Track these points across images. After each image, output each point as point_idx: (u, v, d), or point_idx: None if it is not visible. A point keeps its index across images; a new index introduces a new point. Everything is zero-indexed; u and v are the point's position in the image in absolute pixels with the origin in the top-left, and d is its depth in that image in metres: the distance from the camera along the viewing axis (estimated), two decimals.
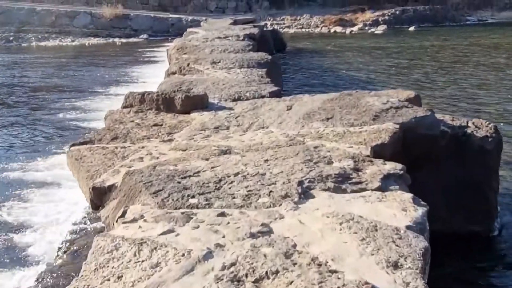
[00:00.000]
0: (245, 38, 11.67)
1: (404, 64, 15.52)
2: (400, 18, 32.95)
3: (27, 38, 29.34)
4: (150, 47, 24.03)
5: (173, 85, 6.03)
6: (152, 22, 30.47)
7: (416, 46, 20.71)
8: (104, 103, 11.70)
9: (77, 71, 17.28)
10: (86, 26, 30.57)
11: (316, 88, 11.21)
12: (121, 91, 13.20)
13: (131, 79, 15.36)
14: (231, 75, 6.69)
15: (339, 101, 4.59)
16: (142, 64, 18.74)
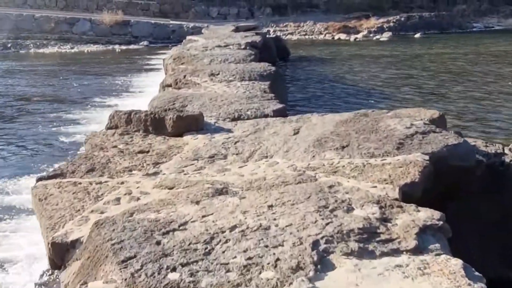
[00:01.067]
0: (247, 46, 11.06)
1: (413, 74, 14.89)
2: (405, 24, 32.36)
3: (25, 45, 28.84)
4: (150, 54, 23.48)
5: (166, 101, 5.41)
6: (153, 29, 29.95)
7: (424, 54, 20.09)
8: (99, 115, 11.11)
9: (73, 80, 16.71)
10: (86, 33, 30.08)
11: (322, 101, 10.58)
12: (117, 101, 12.60)
13: (128, 89, 14.77)
14: (230, 89, 6.07)
15: (354, 123, 3.96)
16: (141, 72, 18.16)
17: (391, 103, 10.37)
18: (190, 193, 2.82)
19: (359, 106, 9.89)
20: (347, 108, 9.68)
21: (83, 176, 3.27)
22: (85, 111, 11.61)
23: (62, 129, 10.02)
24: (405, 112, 4.35)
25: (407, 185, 2.76)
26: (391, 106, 10.08)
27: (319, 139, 3.61)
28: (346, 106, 9.90)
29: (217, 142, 3.90)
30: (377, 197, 2.63)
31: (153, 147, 3.92)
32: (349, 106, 9.79)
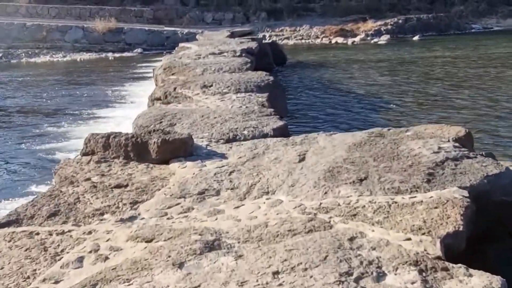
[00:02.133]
0: (243, 53, 10.47)
1: (415, 78, 14.31)
2: (403, 27, 31.87)
3: (17, 54, 28.27)
4: (144, 62, 22.91)
5: (152, 119, 4.80)
6: (147, 36, 29.42)
7: (425, 57, 19.53)
8: (88, 128, 10.50)
9: (64, 90, 16.10)
10: (78, 41, 29.53)
11: (323, 110, 9.96)
12: (108, 113, 12.00)
13: (120, 99, 14.17)
14: (225, 102, 5.46)
15: (370, 147, 3.35)
16: (133, 81, 17.57)
17: (396, 112, 9.78)
18: (172, 250, 2.21)
19: (364, 116, 9.34)
20: (350, 118, 9.09)
21: (43, 223, 2.65)
22: (73, 124, 11.00)
23: (46, 145, 9.39)
24: (427, 131, 3.74)
25: (449, 236, 2.15)
26: (396, 116, 9.51)
27: (330, 169, 3.00)
28: (349, 116, 9.31)
29: (208, 172, 3.28)
30: (414, 255, 2.02)
31: (133, 179, 3.31)
32: (352, 117, 9.21)
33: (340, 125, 8.48)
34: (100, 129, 10.35)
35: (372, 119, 9.06)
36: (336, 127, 8.14)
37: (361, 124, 8.46)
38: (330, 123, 8.65)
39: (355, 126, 8.34)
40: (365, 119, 9.11)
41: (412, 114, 9.61)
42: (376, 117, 9.29)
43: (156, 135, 3.82)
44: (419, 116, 9.44)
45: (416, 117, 9.31)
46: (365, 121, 8.93)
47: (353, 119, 9.01)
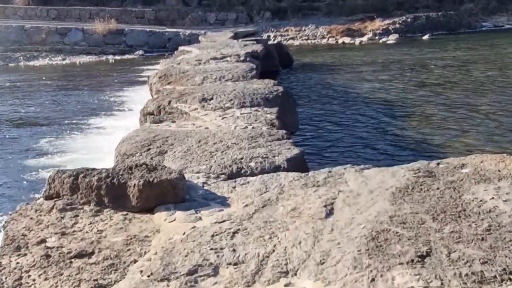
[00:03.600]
0: (247, 57, 9.60)
1: (432, 82, 13.39)
2: (412, 26, 30.93)
3: (15, 58, 27.59)
4: (145, 65, 22.13)
5: (139, 145, 3.94)
6: (148, 37, 28.66)
7: (438, 58, 18.59)
8: (81, 141, 9.67)
9: (60, 96, 15.29)
10: (78, 43, 28.82)
11: (336, 120, 9.07)
12: (104, 122, 11.16)
13: (118, 106, 13.35)
14: (227, 121, 4.60)
15: (422, 195, 2.47)
16: (133, 85, 16.73)
17: (418, 121, 8.87)
18: None
19: (383, 128, 8.38)
20: (368, 131, 8.19)
21: None
22: (67, 136, 10.12)
23: (35, 160, 8.55)
24: (486, 165, 2.86)
25: None
26: (419, 126, 8.60)
27: (374, 235, 2.12)
28: (366, 128, 8.43)
29: (204, 233, 2.41)
30: None
31: (103, 241, 2.45)
32: (371, 129, 8.32)
33: (359, 142, 7.56)
34: (94, 141, 9.53)
35: (392, 131, 8.17)
36: (355, 147, 7.23)
37: (382, 138, 7.58)
38: (347, 138, 7.75)
39: (377, 142, 7.46)
40: (385, 131, 8.21)
41: (437, 124, 8.70)
42: (396, 128, 8.39)
43: (138, 173, 2.96)
44: (445, 126, 8.54)
45: (442, 128, 8.42)
46: (386, 134, 8.04)
47: (371, 132, 8.10)
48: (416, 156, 6.49)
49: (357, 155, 6.74)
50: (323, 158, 6.53)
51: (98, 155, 8.21)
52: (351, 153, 6.85)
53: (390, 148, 7.05)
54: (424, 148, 7.12)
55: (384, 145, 7.33)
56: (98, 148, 8.56)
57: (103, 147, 8.61)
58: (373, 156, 6.68)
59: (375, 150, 6.99)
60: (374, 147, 7.21)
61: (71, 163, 7.89)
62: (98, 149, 8.51)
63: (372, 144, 7.30)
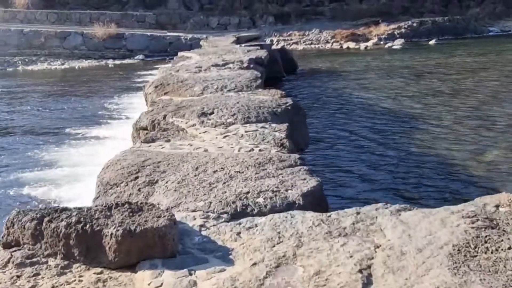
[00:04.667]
0: (251, 64, 8.99)
1: (442, 89, 12.78)
2: (417, 30, 30.33)
3: (13, 62, 27.05)
4: (145, 69, 21.56)
5: (125, 171, 3.33)
6: (149, 42, 28.12)
7: (447, 64, 17.97)
8: (77, 151, 9.02)
9: (55, 103, 14.69)
10: (77, 48, 28.28)
11: (346, 135, 8.40)
12: (100, 131, 10.51)
13: (115, 113, 12.73)
14: (230, 140, 3.99)
15: (493, 262, 1.85)
16: (132, 91, 16.11)
17: (436, 136, 8.22)
18: None
19: (399, 143, 7.73)
20: (384, 146, 7.54)
21: None
22: (59, 148, 9.42)
23: (23, 175, 7.90)
24: None
25: None
26: (439, 141, 7.94)
27: None
28: (381, 142, 7.79)
29: None
30: None
31: None
32: (386, 144, 7.66)
33: (373, 160, 6.87)
34: (88, 153, 8.87)
35: (408, 148, 7.52)
36: (369, 166, 6.54)
37: (398, 156, 6.92)
38: (359, 155, 7.09)
39: (392, 160, 6.79)
40: (400, 148, 7.53)
41: (454, 138, 8.06)
42: (412, 144, 7.73)
43: (118, 216, 2.35)
44: (462, 140, 7.91)
45: (459, 142, 7.78)
46: (401, 151, 7.37)
47: (385, 148, 7.42)
48: (441, 178, 5.87)
49: (373, 177, 6.05)
50: (337, 182, 5.83)
51: (93, 168, 7.57)
52: (367, 174, 6.17)
53: (409, 168, 6.40)
54: (446, 167, 6.48)
55: (402, 164, 6.68)
56: (92, 161, 7.93)
57: (98, 160, 7.99)
58: (392, 179, 6.01)
59: (392, 171, 6.32)
60: (391, 167, 6.53)
61: (61, 180, 7.28)
62: (93, 162, 7.89)
63: (388, 163, 6.64)
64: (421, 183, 5.83)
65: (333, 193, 5.31)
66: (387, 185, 5.69)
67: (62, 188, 6.74)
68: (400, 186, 5.67)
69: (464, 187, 5.80)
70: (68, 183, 7.04)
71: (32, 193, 6.96)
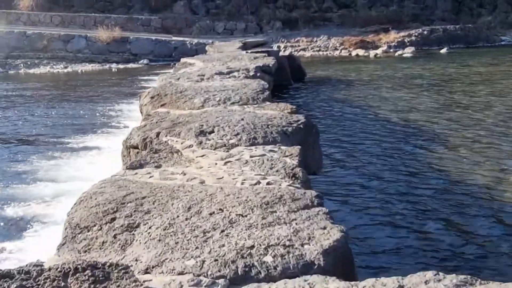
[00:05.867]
0: (257, 72, 8.36)
1: (458, 101, 12.08)
2: (428, 38, 29.66)
3: (15, 65, 26.58)
4: (149, 74, 20.98)
5: (100, 211, 2.69)
6: (153, 46, 27.60)
7: (461, 73, 17.28)
8: (73, 163, 8.34)
9: (53, 109, 14.09)
10: (81, 51, 27.79)
11: (361, 153, 7.70)
12: (95, 141, 9.86)
13: (113, 121, 12.12)
14: (232, 167, 3.34)
15: None
16: (134, 97, 15.46)
17: (455, 153, 7.55)
18: None
19: (421, 164, 6.97)
20: (405, 169, 6.83)
21: None
22: (51, 160, 8.69)
23: (9, 191, 7.22)
24: None
25: None
26: (465, 162, 7.26)
27: None
28: (401, 162, 7.11)
29: None
30: None
31: None
32: (406, 166, 6.95)
33: (394, 187, 6.13)
34: (85, 166, 8.15)
35: (435, 168, 6.83)
36: (395, 197, 5.81)
37: (421, 183, 6.20)
38: (379, 183, 6.35)
39: (417, 187, 6.07)
40: (421, 169, 6.83)
41: (478, 158, 7.37)
42: (434, 164, 7.04)
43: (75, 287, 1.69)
44: (487, 162, 7.22)
45: (485, 165, 7.09)
46: (423, 173, 6.68)
47: (412, 175, 6.67)
48: (479, 209, 5.18)
49: (398, 217, 5.22)
50: (353, 222, 5.01)
51: (89, 183, 6.90)
52: (390, 211, 5.38)
53: (441, 202, 5.69)
54: (477, 197, 5.79)
55: (426, 191, 5.98)
56: (80, 176, 7.30)
57: (86, 175, 7.36)
58: (423, 219, 5.16)
59: (418, 203, 5.58)
60: (414, 197, 5.77)
61: (54, 199, 6.59)
62: (80, 177, 7.26)
63: (410, 191, 5.92)
64: (462, 229, 5.04)
65: (344, 222, 4.59)
66: (418, 227, 4.94)
67: (40, 207, 6.06)
68: (439, 233, 4.83)
69: None
70: (48, 202, 6.39)
71: (3, 212, 6.27)
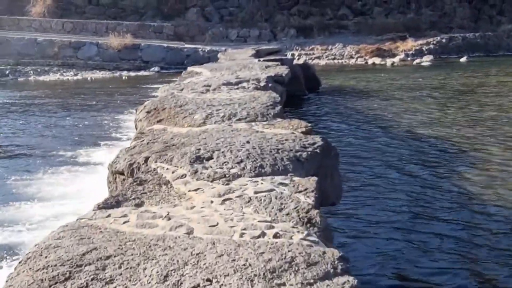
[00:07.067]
0: (269, 83, 7.65)
1: (485, 115, 11.22)
2: (447, 47, 28.81)
3: (25, 72, 26.17)
4: (160, 82, 20.35)
5: (47, 277, 1.97)
6: (165, 53, 27.08)
7: (485, 83, 16.41)
8: (71, 179, 7.67)
9: (57, 119, 13.50)
10: (92, 58, 27.35)
11: (382, 179, 6.86)
12: (96, 155, 9.17)
13: (117, 132, 11.49)
14: (231, 208, 2.63)
15: None
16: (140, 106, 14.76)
17: (489, 175, 6.76)
18: None
19: (451, 187, 6.20)
20: (434, 187, 6.06)
21: None
22: (47, 176, 7.92)
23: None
24: None
25: None
26: (494, 181, 6.48)
27: None
28: (429, 183, 6.35)
29: None
30: None
31: None
32: (434, 185, 6.18)
33: (425, 222, 5.29)
34: (70, 186, 7.37)
35: (468, 198, 6.06)
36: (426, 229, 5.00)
37: (462, 224, 5.38)
38: (402, 213, 5.56)
39: (457, 228, 5.27)
40: (456, 198, 6.05)
41: None
42: (472, 192, 6.26)
43: None
44: None
45: None
46: (459, 200, 5.90)
47: (440, 208, 5.85)
48: None
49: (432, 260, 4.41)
50: (370, 267, 4.22)
51: (73, 204, 6.25)
52: (418, 255, 4.58)
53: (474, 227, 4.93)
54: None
55: (460, 232, 5.20)
56: (74, 196, 6.65)
57: (81, 194, 6.70)
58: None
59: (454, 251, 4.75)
60: (451, 243, 4.93)
61: (50, 222, 5.89)
62: (75, 197, 6.61)
63: (443, 231, 5.10)
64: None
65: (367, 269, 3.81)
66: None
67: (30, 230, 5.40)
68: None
69: None
70: (38, 224, 5.73)
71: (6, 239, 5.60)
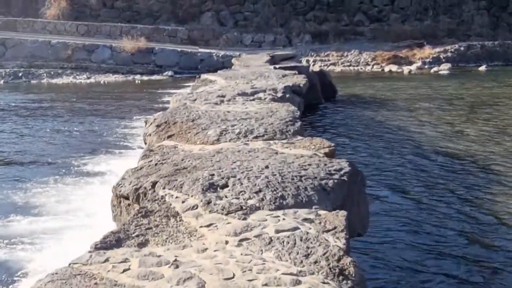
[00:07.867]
0: (286, 93, 7.25)
1: (508, 128, 10.74)
2: (465, 55, 28.18)
3: (38, 74, 26.04)
4: (173, 87, 20.07)
5: None
6: (179, 57, 26.79)
7: (507, 94, 15.87)
8: (76, 191, 7.27)
9: (66, 124, 13.19)
10: (105, 61, 27.15)
11: (408, 198, 6.43)
12: (103, 165, 8.77)
13: (127, 140, 11.14)
14: (247, 255, 2.22)
15: None
16: (152, 112, 14.46)
17: None
18: None
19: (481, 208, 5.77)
20: (463, 206, 5.60)
21: None
22: (50, 188, 7.48)
23: None
24: None
25: None
26: None
27: None
28: (457, 203, 5.91)
29: None
30: None
31: None
32: (464, 204, 5.72)
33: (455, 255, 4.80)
34: (74, 200, 6.96)
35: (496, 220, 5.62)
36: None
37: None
38: (430, 237, 5.11)
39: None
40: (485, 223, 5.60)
41: None
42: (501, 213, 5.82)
43: None
44: None
45: None
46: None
47: (472, 232, 5.38)
48: None
49: None
50: None
51: (92, 220, 5.82)
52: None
53: None
54: None
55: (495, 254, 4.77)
56: (78, 212, 6.29)
57: (85, 209, 6.32)
58: None
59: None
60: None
61: (50, 238, 5.52)
62: (78, 212, 6.25)
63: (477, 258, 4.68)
64: None
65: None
66: None
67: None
68: None
69: None
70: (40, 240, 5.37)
71: None
